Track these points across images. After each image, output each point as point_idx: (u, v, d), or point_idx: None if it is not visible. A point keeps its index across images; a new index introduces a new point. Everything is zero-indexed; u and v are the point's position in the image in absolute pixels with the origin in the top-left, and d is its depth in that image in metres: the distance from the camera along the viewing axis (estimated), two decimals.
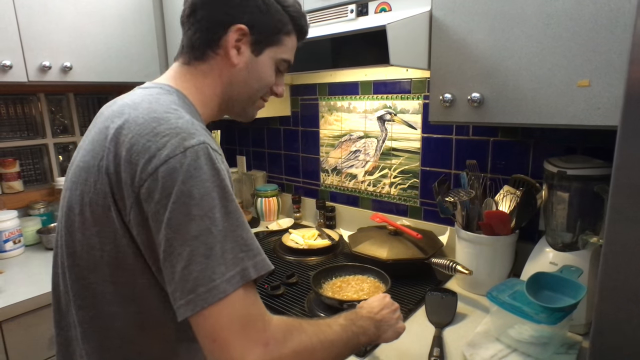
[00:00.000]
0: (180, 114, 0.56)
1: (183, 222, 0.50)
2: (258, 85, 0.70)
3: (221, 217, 0.51)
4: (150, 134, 0.53)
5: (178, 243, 0.50)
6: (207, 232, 0.50)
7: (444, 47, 0.91)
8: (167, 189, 0.50)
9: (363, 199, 1.57)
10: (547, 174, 0.96)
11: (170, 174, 0.50)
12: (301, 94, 1.69)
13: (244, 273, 0.51)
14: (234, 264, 0.51)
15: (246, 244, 0.53)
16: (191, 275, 0.49)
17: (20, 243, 1.44)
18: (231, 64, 0.66)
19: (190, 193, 0.50)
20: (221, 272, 0.50)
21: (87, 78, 1.45)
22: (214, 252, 0.50)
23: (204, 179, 0.51)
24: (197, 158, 0.51)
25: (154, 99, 0.59)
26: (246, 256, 0.52)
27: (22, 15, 1.27)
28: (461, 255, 1.11)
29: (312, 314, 1.00)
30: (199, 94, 0.66)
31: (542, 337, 0.83)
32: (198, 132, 0.54)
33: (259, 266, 0.53)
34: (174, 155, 0.51)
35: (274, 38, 0.67)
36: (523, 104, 0.82)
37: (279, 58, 0.69)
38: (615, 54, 0.70)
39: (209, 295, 0.49)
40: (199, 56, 0.66)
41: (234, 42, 0.64)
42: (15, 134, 1.66)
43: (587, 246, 0.91)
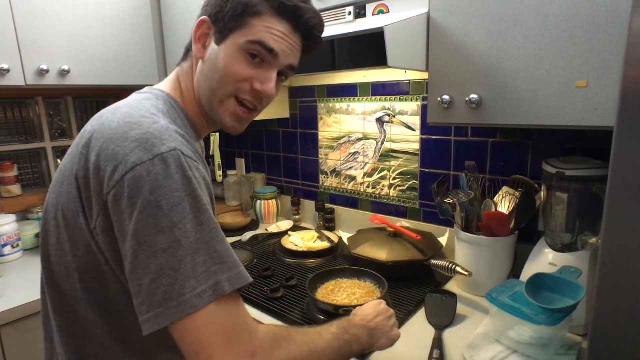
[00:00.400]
0: (156, 119, 0.53)
1: (150, 234, 0.47)
2: (219, 76, 0.61)
3: (193, 228, 0.49)
4: (120, 139, 0.50)
5: (145, 255, 0.48)
6: (177, 245, 0.47)
7: (442, 49, 0.91)
8: (133, 198, 0.48)
9: (362, 200, 1.57)
10: (545, 175, 0.96)
11: (137, 182, 0.48)
12: (300, 96, 1.69)
13: (216, 287, 0.49)
14: (206, 277, 0.48)
15: (220, 256, 0.50)
16: (159, 289, 0.47)
17: (18, 247, 1.44)
18: (197, 58, 0.63)
19: (158, 203, 0.47)
20: (191, 287, 0.47)
21: (85, 81, 1.45)
22: (184, 266, 0.47)
23: (173, 188, 0.48)
24: (166, 166, 0.49)
25: (137, 103, 0.57)
26: (220, 269, 0.50)
27: (20, 19, 1.27)
28: (461, 256, 1.11)
29: (312, 317, 1.00)
30: (187, 97, 0.64)
31: (542, 338, 0.82)
32: (171, 138, 0.51)
33: (233, 280, 0.50)
34: (141, 162, 0.48)
35: (236, 23, 0.59)
36: (521, 105, 0.82)
37: (245, 41, 0.59)
38: (612, 55, 0.70)
39: (178, 310, 0.47)
40: (184, 55, 0.65)
41: (198, 37, 0.61)
42: (13, 137, 1.66)
43: (587, 247, 0.91)
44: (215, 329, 0.48)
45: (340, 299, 1.03)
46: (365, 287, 1.09)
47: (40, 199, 1.67)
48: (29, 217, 1.60)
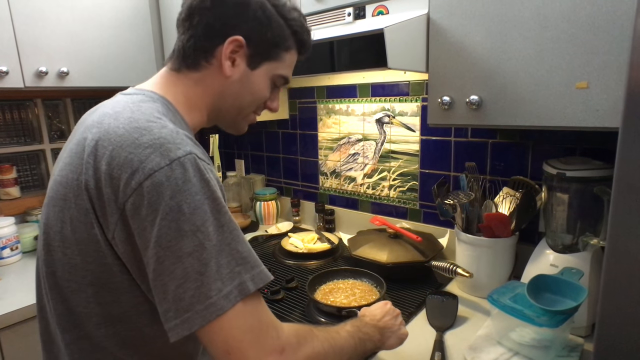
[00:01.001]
0: (163, 122, 0.53)
1: (174, 238, 0.47)
2: (250, 99, 0.67)
3: (214, 230, 0.49)
4: (132, 145, 0.50)
5: (170, 261, 0.48)
6: (200, 248, 0.48)
7: (442, 50, 0.91)
8: (153, 205, 0.47)
9: (362, 201, 1.57)
10: (546, 176, 0.96)
11: (157, 189, 0.47)
12: (299, 97, 1.69)
13: (241, 287, 0.50)
14: (230, 278, 0.49)
15: (242, 257, 0.51)
16: (186, 294, 0.48)
17: (17, 250, 1.43)
18: (224, 76, 0.63)
19: (179, 208, 0.47)
20: (217, 289, 0.48)
21: (84, 83, 1.45)
22: (209, 269, 0.48)
23: (193, 192, 0.48)
24: (184, 170, 0.49)
25: (136, 107, 0.55)
26: (243, 269, 0.50)
27: (19, 21, 1.27)
28: (461, 257, 1.11)
29: (312, 319, 1.00)
30: (186, 102, 0.63)
31: (543, 340, 0.82)
32: (184, 142, 0.51)
33: (257, 279, 0.52)
34: (159, 168, 0.48)
35: (272, 53, 0.64)
36: (521, 106, 0.82)
37: (276, 74, 0.67)
38: (612, 56, 0.70)
39: (207, 312, 0.47)
40: (191, 64, 0.63)
41: (229, 54, 0.61)
42: (12, 139, 1.65)
43: (588, 248, 0.91)
44: (244, 328, 0.49)
45: (339, 300, 1.03)
46: (363, 287, 1.09)
47: (40, 201, 1.67)
48: (27, 219, 1.59)
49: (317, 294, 1.06)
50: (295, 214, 1.76)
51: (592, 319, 0.89)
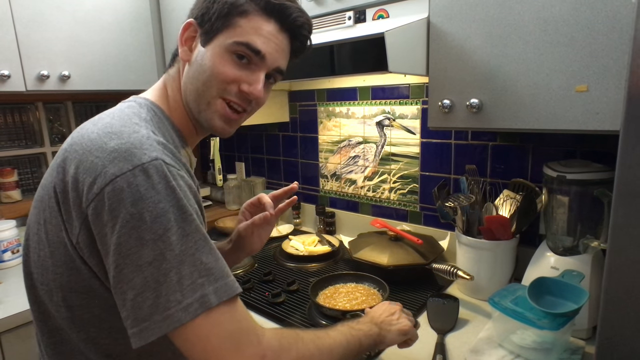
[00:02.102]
0: (136, 128, 0.51)
1: (134, 247, 0.46)
2: (204, 77, 0.59)
3: (177, 240, 0.47)
4: (99, 150, 0.49)
5: (129, 270, 0.46)
6: (161, 258, 0.46)
7: (442, 54, 0.91)
8: (114, 211, 0.46)
9: (363, 204, 1.57)
10: (546, 179, 0.96)
11: (117, 195, 0.46)
12: (299, 100, 1.69)
13: (203, 300, 0.47)
14: (191, 290, 0.47)
15: (207, 268, 0.49)
16: (145, 303, 0.46)
17: (18, 253, 1.43)
18: (183, 61, 0.61)
19: (141, 216, 0.46)
20: (177, 300, 0.46)
21: (85, 87, 1.45)
22: (169, 279, 0.46)
23: (156, 199, 0.47)
24: (147, 176, 0.47)
25: (119, 112, 0.55)
26: (207, 281, 0.48)
27: (20, 25, 1.28)
28: (462, 260, 1.11)
29: (314, 321, 1.00)
30: (173, 102, 0.62)
31: (544, 342, 0.82)
32: (151, 147, 0.49)
33: (220, 291, 0.49)
34: (120, 173, 0.46)
35: (223, 22, 0.58)
36: (522, 110, 0.82)
37: (230, 42, 0.58)
38: (612, 60, 0.70)
39: (164, 324, 0.46)
40: (171, 61, 0.64)
41: (185, 39, 0.60)
42: (13, 142, 1.66)
43: (588, 250, 0.91)
44: (219, 336, 0.48)
45: (341, 303, 1.03)
46: (366, 291, 1.09)
47: None
48: None
49: (319, 298, 1.06)
50: (295, 217, 1.76)
51: (593, 321, 0.89)
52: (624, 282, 0.50)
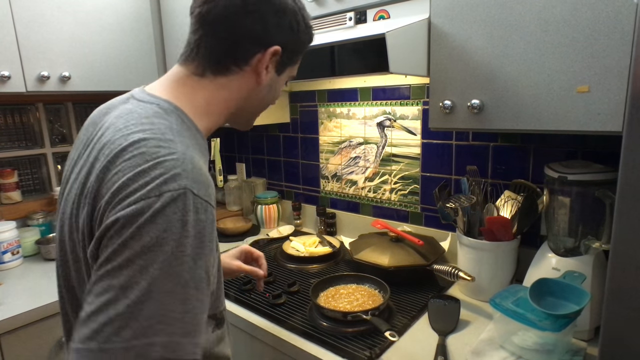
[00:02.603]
0: (172, 148, 0.49)
1: (117, 266, 0.43)
2: (271, 100, 0.68)
3: (159, 275, 0.43)
4: (131, 169, 0.47)
5: (102, 285, 0.43)
6: (134, 285, 0.42)
7: (443, 54, 0.91)
8: (123, 229, 0.44)
9: (363, 205, 1.57)
10: (548, 179, 0.96)
11: (135, 215, 0.44)
12: (300, 101, 1.69)
13: (145, 350, 0.42)
14: (141, 334, 0.42)
15: (175, 317, 0.44)
16: (93, 324, 0.42)
17: (18, 254, 1.43)
18: (256, 82, 0.61)
19: (140, 238, 0.43)
20: (124, 338, 0.41)
21: (86, 87, 1.45)
22: (129, 311, 0.42)
23: (162, 228, 0.44)
24: (166, 204, 0.44)
25: (150, 124, 0.52)
26: (165, 329, 0.43)
27: (21, 26, 1.28)
28: (463, 261, 1.11)
29: (315, 323, 0.99)
30: (207, 106, 0.60)
31: (546, 344, 0.82)
32: (184, 173, 0.47)
33: (170, 347, 0.43)
34: (146, 197, 0.45)
35: (296, 58, 0.66)
36: (523, 110, 0.82)
37: (292, 75, 0.69)
38: (614, 60, 0.70)
39: (94, 356, 0.41)
40: (221, 70, 0.59)
41: (266, 63, 0.60)
42: (13, 143, 1.65)
43: (590, 251, 0.90)
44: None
45: (342, 305, 1.02)
46: (367, 292, 1.08)
47: (41, 205, 1.67)
48: (29, 223, 1.59)
49: (320, 299, 1.06)
50: (296, 218, 1.75)
51: (595, 322, 0.89)
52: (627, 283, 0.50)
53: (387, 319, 0.99)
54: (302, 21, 0.62)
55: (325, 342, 0.92)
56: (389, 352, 0.89)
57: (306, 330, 0.97)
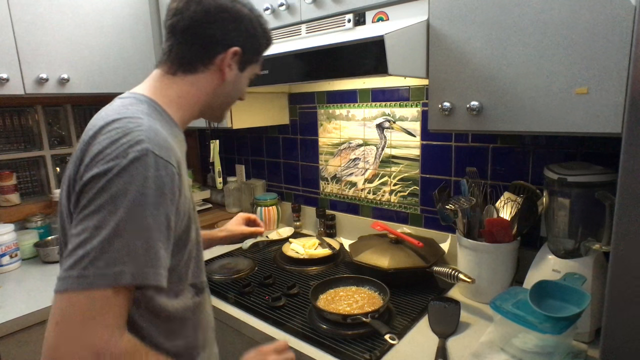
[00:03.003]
0: (140, 121, 0.60)
1: (91, 212, 0.54)
2: (236, 96, 0.79)
3: (125, 217, 0.53)
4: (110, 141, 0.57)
5: (82, 226, 0.54)
6: (104, 225, 0.53)
7: (442, 56, 0.91)
8: (97, 184, 0.55)
9: (363, 207, 1.56)
10: (547, 181, 0.96)
11: (105, 173, 0.54)
12: (299, 102, 1.69)
13: (115, 277, 0.52)
14: (112, 264, 0.52)
15: (139, 252, 0.54)
16: (72, 258, 0.53)
17: (17, 257, 1.43)
18: (221, 79, 0.72)
19: (109, 189, 0.54)
20: (97, 267, 0.52)
21: (85, 89, 1.45)
22: (101, 246, 0.52)
23: (126, 181, 0.54)
24: (131, 163, 0.55)
25: (124, 110, 0.63)
26: (132, 261, 0.53)
27: (19, 28, 1.28)
28: (463, 263, 1.10)
29: (314, 325, 0.99)
30: (179, 101, 0.71)
31: (547, 346, 0.82)
32: (147, 139, 0.57)
33: (136, 275, 0.54)
34: (115, 158, 0.55)
35: (257, 57, 0.77)
36: (522, 112, 0.82)
37: (254, 73, 0.80)
38: (612, 62, 0.70)
39: (75, 282, 0.52)
40: (190, 69, 0.70)
41: (227, 62, 0.71)
42: (12, 146, 1.65)
43: (590, 253, 0.90)
44: (88, 312, 0.52)
45: (342, 307, 1.02)
46: (367, 294, 1.08)
47: (39, 207, 1.66)
48: (27, 226, 1.59)
49: (320, 302, 1.05)
50: (296, 219, 1.75)
51: (595, 324, 0.89)
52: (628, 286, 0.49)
53: (387, 322, 0.98)
54: (259, 27, 0.73)
55: (324, 345, 0.92)
56: (389, 355, 0.88)
57: (305, 333, 0.97)
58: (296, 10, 1.17)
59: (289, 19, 1.20)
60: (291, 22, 1.19)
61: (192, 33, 0.68)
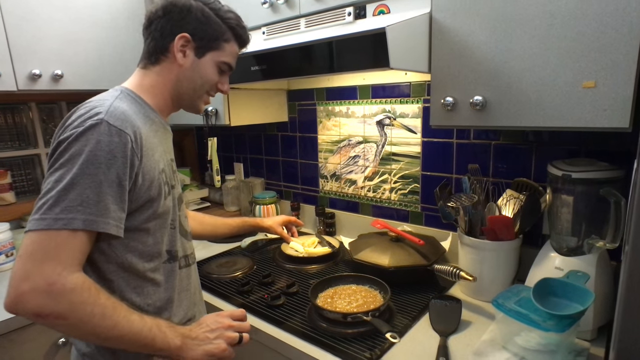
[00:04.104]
0: (106, 102, 0.70)
1: (53, 169, 0.65)
2: (201, 82, 0.83)
3: (78, 172, 0.63)
4: (76, 116, 0.68)
5: (45, 182, 0.65)
6: (62, 179, 0.63)
7: (445, 50, 0.89)
8: (60, 147, 0.65)
9: (363, 205, 1.55)
10: (551, 178, 0.95)
11: (68, 137, 0.65)
12: (298, 99, 1.67)
13: (69, 221, 0.62)
14: (66, 210, 0.62)
15: (91, 203, 0.63)
16: (37, 205, 0.63)
17: (12, 256, 1.40)
18: (178, 65, 0.80)
19: (68, 151, 0.64)
20: (54, 212, 0.62)
21: (79, 86, 1.43)
22: (59, 195, 0.62)
23: (82, 144, 0.64)
24: (88, 128, 0.65)
25: (99, 96, 0.75)
26: (84, 210, 0.63)
27: (10, 23, 1.25)
28: (464, 261, 1.09)
29: (314, 324, 0.97)
30: (152, 90, 0.81)
31: (549, 344, 0.81)
32: (105, 112, 0.67)
33: (87, 222, 0.63)
34: (77, 125, 0.66)
35: (213, 44, 0.81)
36: (527, 107, 0.81)
37: (219, 60, 0.83)
38: (621, 54, 0.68)
39: (35, 223, 0.62)
40: (154, 61, 0.81)
41: (179, 47, 0.79)
42: (6, 144, 1.63)
43: (593, 250, 0.89)
44: (45, 249, 0.62)
45: (342, 306, 1.01)
46: (367, 292, 1.07)
47: None
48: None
49: (320, 300, 1.04)
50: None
51: (598, 322, 0.88)
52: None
53: (388, 320, 0.97)
54: (212, 14, 0.80)
55: (324, 344, 0.90)
56: (390, 354, 0.87)
57: (305, 332, 0.95)
58: (295, 4, 1.15)
59: (287, 13, 1.18)
60: (290, 16, 1.17)
61: (151, 29, 0.80)
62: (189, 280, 0.87)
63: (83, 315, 0.63)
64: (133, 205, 0.71)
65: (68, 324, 0.63)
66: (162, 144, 0.81)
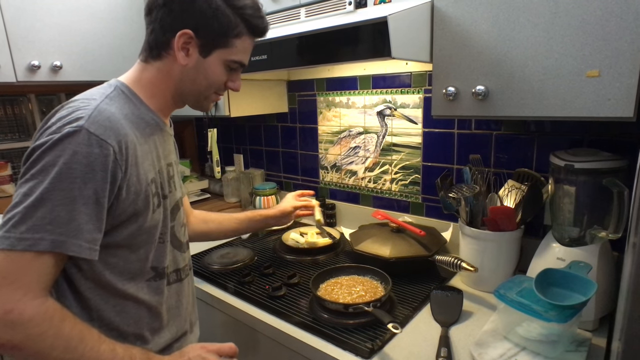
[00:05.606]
0: (91, 103, 0.63)
1: (24, 180, 0.59)
2: (207, 83, 0.75)
3: (50, 187, 0.57)
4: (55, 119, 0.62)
5: (15, 194, 0.59)
6: (31, 193, 0.57)
7: (447, 39, 0.88)
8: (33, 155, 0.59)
9: (364, 195, 1.54)
10: (553, 168, 0.94)
11: (40, 145, 0.59)
12: (298, 90, 1.66)
13: (34, 242, 0.56)
14: (32, 230, 0.56)
15: (61, 222, 0.57)
16: (4, 219, 0.57)
17: None
18: (180, 64, 0.71)
19: (41, 161, 0.58)
20: (19, 230, 0.56)
21: (78, 77, 1.41)
22: (27, 211, 0.56)
23: (57, 154, 0.57)
24: (64, 137, 0.58)
25: (89, 92, 0.68)
26: (53, 230, 0.57)
27: (8, 13, 1.24)
28: (465, 251, 1.09)
29: (315, 315, 0.98)
30: (151, 87, 0.74)
31: (551, 334, 0.81)
32: (86, 117, 0.60)
33: (55, 244, 0.57)
34: (51, 133, 0.59)
35: (221, 41, 0.71)
36: (530, 96, 0.80)
37: (228, 59, 0.73)
38: (626, 43, 0.67)
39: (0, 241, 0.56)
40: (155, 55, 0.73)
41: (181, 45, 0.70)
42: (6, 135, 1.62)
43: (595, 241, 0.89)
44: (5, 272, 0.56)
45: (343, 296, 1.01)
46: (368, 283, 1.07)
47: None
48: None
49: (321, 291, 1.04)
50: None
51: (600, 312, 0.88)
52: None
53: (389, 311, 0.97)
54: (220, 3, 0.68)
55: (326, 335, 0.91)
56: (391, 344, 0.88)
57: (307, 323, 0.96)
58: None
59: (287, 2, 1.16)
60: (290, 6, 1.16)
61: (151, 19, 0.71)
62: (178, 297, 0.81)
63: (42, 348, 0.57)
64: (115, 221, 0.64)
65: (24, 355, 0.57)
66: (157, 149, 0.74)
